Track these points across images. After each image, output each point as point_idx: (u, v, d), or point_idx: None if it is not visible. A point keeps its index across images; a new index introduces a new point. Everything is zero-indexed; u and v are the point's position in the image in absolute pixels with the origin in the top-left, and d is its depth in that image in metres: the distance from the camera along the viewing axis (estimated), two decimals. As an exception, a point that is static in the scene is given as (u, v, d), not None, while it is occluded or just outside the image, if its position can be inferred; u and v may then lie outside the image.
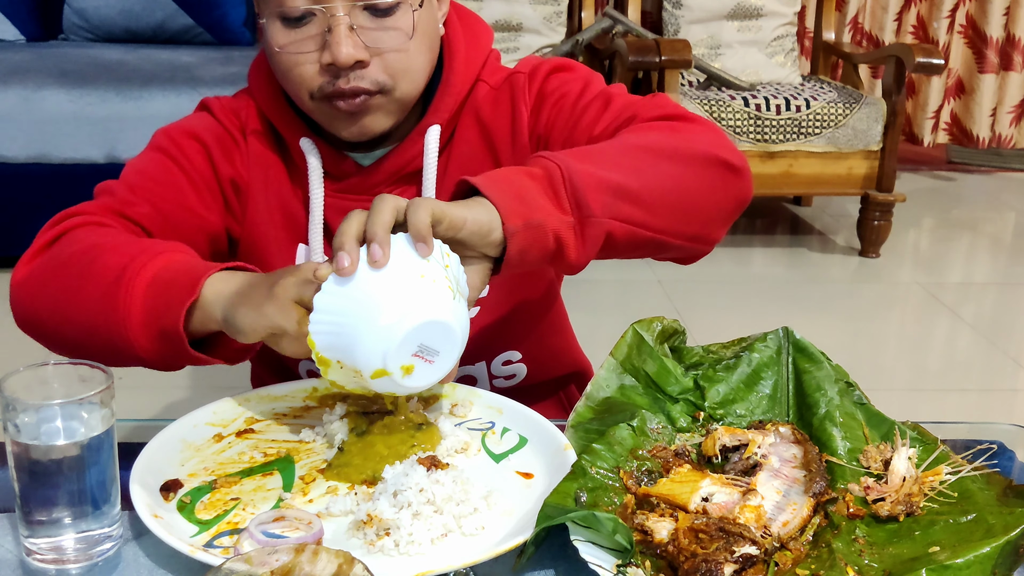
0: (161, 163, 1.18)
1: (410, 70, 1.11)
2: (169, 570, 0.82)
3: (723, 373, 1.05)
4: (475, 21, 1.24)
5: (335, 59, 1.06)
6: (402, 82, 1.11)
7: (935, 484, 0.91)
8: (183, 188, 1.16)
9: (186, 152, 1.18)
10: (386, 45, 1.08)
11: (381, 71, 1.09)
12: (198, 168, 1.18)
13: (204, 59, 3.48)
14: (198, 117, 1.23)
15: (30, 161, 3.21)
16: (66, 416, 0.80)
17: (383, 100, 1.11)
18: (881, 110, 3.62)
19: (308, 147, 1.18)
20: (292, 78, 1.10)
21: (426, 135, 1.17)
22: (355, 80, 1.08)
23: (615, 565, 0.79)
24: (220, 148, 1.20)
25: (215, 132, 1.20)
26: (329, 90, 1.09)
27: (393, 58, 1.09)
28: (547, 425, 1.00)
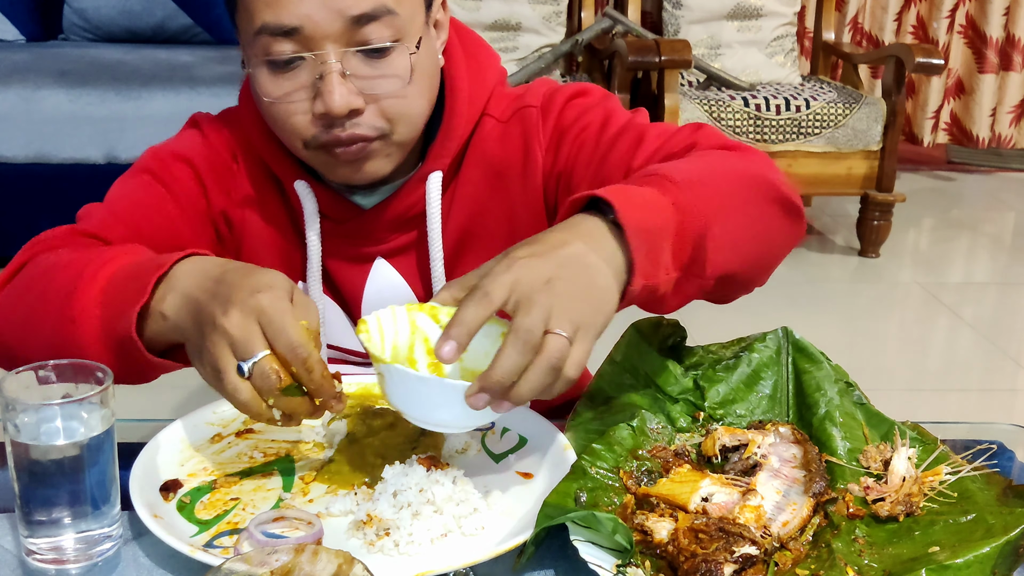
0: (149, 187, 1.12)
1: (409, 114, 1.06)
2: (169, 570, 0.82)
3: (723, 373, 1.05)
4: (479, 48, 1.17)
5: (328, 109, 1.00)
6: (400, 126, 1.05)
7: (935, 484, 0.91)
8: (171, 215, 1.11)
9: (177, 176, 1.13)
10: (382, 91, 1.02)
11: (378, 116, 1.03)
12: (189, 195, 1.13)
13: (203, 59, 3.48)
14: (190, 138, 1.17)
15: (30, 161, 3.21)
16: (66, 416, 0.80)
17: (382, 145, 1.05)
18: (881, 110, 3.62)
19: (304, 191, 1.12)
20: (285, 128, 1.05)
21: (427, 181, 1.12)
22: (351, 128, 1.02)
23: (615, 565, 0.79)
24: (213, 175, 1.14)
25: (207, 157, 1.15)
26: (324, 139, 1.03)
27: (390, 103, 1.03)
28: (547, 425, 1.00)
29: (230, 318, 0.84)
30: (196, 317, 0.88)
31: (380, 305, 1.06)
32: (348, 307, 1.18)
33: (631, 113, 1.15)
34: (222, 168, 1.15)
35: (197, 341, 0.87)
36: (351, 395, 1.07)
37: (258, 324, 0.84)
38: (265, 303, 0.84)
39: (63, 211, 1.14)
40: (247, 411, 0.85)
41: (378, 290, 1.16)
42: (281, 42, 1.00)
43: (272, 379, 0.84)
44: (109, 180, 1.16)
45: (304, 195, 1.13)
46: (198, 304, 0.88)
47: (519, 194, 1.15)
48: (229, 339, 0.84)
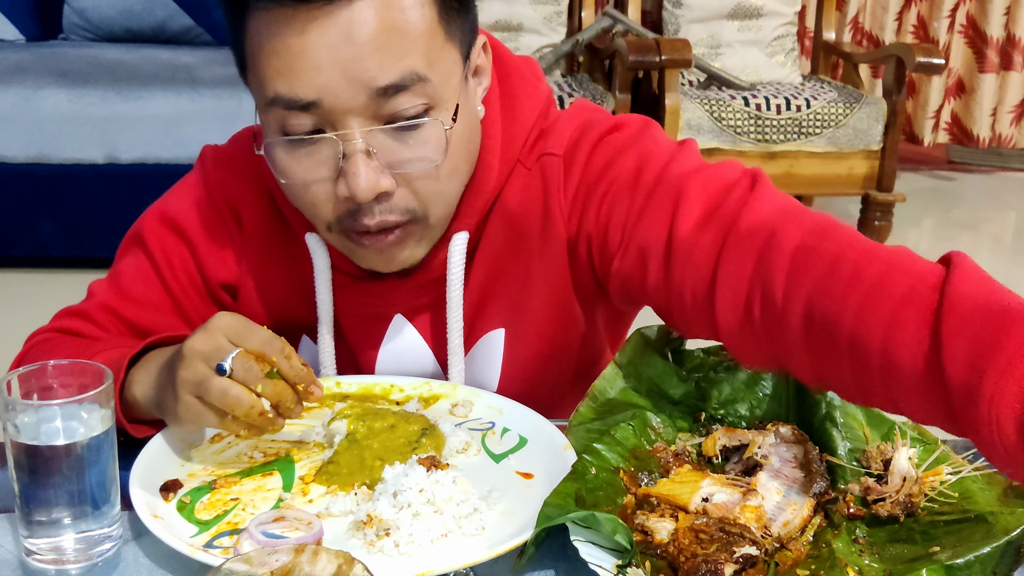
0: (141, 269, 1.07)
1: (445, 193, 0.95)
2: (169, 570, 0.82)
3: (724, 374, 1.05)
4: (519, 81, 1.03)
5: (354, 194, 0.89)
6: (436, 207, 0.95)
7: (935, 484, 0.91)
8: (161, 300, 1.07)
9: (168, 255, 1.07)
10: (414, 170, 0.91)
11: (410, 198, 0.93)
12: (180, 276, 1.07)
13: (204, 59, 3.48)
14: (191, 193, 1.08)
15: (30, 161, 3.21)
16: (66, 416, 0.80)
17: (415, 228, 0.95)
18: (881, 110, 3.62)
19: (315, 244, 1.03)
20: (304, 207, 0.95)
21: (451, 242, 1.01)
22: (381, 214, 0.92)
23: (615, 565, 0.79)
24: (209, 247, 1.07)
25: (205, 223, 1.06)
26: (349, 224, 0.93)
27: (423, 184, 0.92)
28: (547, 425, 1.00)
29: (194, 342, 0.86)
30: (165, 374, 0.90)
31: (396, 363, 1.09)
32: (359, 365, 1.12)
33: (673, 148, 0.98)
34: (221, 231, 1.07)
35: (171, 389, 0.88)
36: (351, 395, 1.07)
37: (223, 337, 0.86)
38: (225, 320, 0.87)
39: (63, 211, 1.14)
40: (240, 406, 0.86)
41: (395, 350, 1.09)
42: (298, 116, 0.89)
43: (254, 368, 0.85)
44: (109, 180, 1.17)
45: (315, 249, 1.03)
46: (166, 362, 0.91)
47: (536, 254, 1.04)
48: (200, 356, 0.86)
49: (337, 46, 0.86)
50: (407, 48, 0.88)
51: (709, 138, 3.53)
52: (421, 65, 0.89)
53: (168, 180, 1.17)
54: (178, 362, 0.87)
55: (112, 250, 1.13)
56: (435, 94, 0.90)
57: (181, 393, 0.87)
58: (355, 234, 0.94)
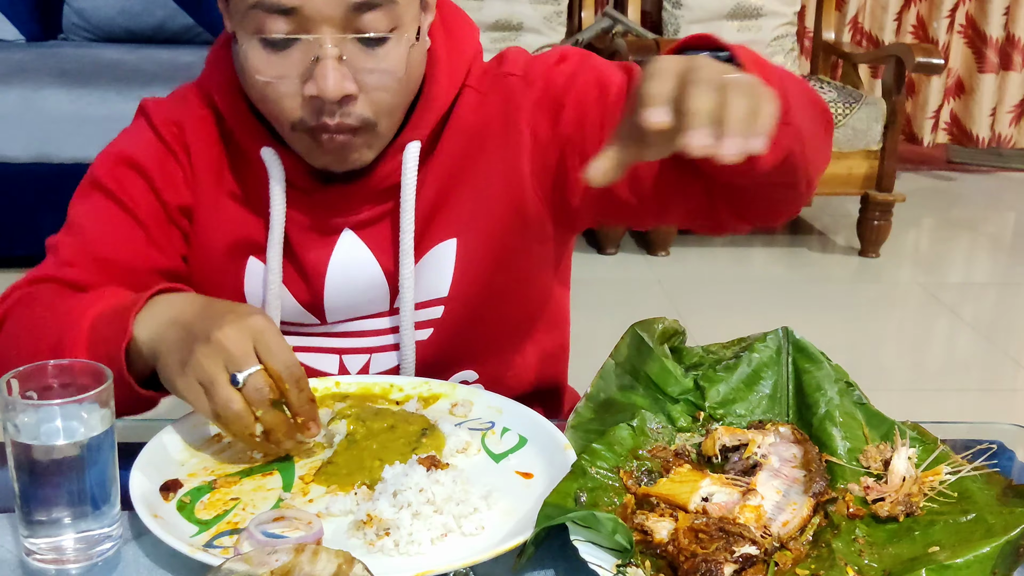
0: (104, 209, 1.11)
1: (395, 106, 1.05)
2: (169, 570, 0.82)
3: (723, 373, 1.05)
4: (456, 18, 1.16)
5: (322, 93, 0.99)
6: (385, 119, 1.05)
7: (935, 484, 0.91)
8: (130, 233, 1.10)
9: (128, 189, 1.11)
10: (375, 82, 1.01)
11: (367, 107, 1.02)
12: (143, 206, 1.11)
13: (204, 59, 3.48)
14: (137, 133, 1.15)
15: (30, 161, 3.21)
16: (66, 416, 0.80)
17: (366, 136, 1.05)
18: (881, 110, 3.62)
19: (271, 158, 1.10)
20: (270, 107, 1.04)
21: (404, 151, 1.10)
22: (341, 116, 1.01)
23: (615, 565, 0.79)
24: (162, 174, 1.12)
25: (156, 154, 1.12)
26: (312, 124, 1.02)
27: (380, 95, 1.02)
28: (547, 425, 1.00)
29: (226, 333, 0.89)
30: (182, 335, 0.91)
31: (344, 279, 1.14)
32: (308, 280, 1.15)
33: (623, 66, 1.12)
34: (170, 163, 1.13)
35: (181, 357, 0.90)
36: (351, 395, 1.07)
37: (252, 342, 0.89)
38: (261, 324, 0.91)
39: (64, 211, 1.14)
40: (236, 423, 0.89)
41: (343, 263, 1.14)
42: (277, 20, 0.98)
43: (265, 391, 0.89)
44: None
45: (270, 162, 1.10)
46: (186, 324, 0.92)
47: (496, 163, 1.13)
48: (225, 353, 0.88)
49: None
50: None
51: (709, 138, 3.52)
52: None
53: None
54: (200, 341, 0.89)
55: (112, 250, 1.13)
56: (400, 16, 1.01)
57: (188, 372, 0.90)
58: (316, 132, 1.03)
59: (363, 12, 0.98)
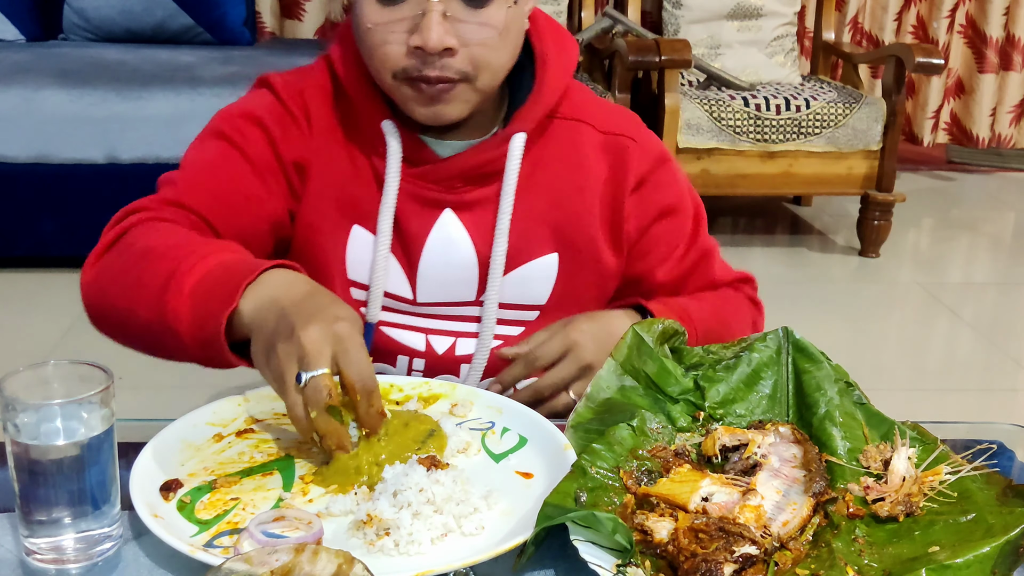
0: (222, 151, 1.17)
1: (493, 64, 1.12)
2: (169, 570, 0.82)
3: (723, 373, 1.05)
4: (561, 33, 1.24)
5: (424, 43, 1.07)
6: (484, 74, 1.12)
7: (935, 484, 0.91)
8: (245, 176, 1.16)
9: (247, 138, 1.17)
10: (475, 37, 1.09)
11: (466, 61, 1.10)
12: (260, 154, 1.17)
13: (204, 59, 3.48)
14: (258, 96, 1.22)
15: (30, 161, 3.20)
16: (66, 416, 0.80)
17: (464, 88, 1.12)
18: (881, 110, 3.62)
19: (390, 129, 1.18)
20: (377, 55, 1.11)
21: (511, 141, 1.18)
22: (440, 68, 1.09)
23: (615, 565, 0.79)
24: (281, 130, 1.19)
25: (276, 113, 1.19)
26: (413, 74, 1.10)
27: (479, 51, 1.10)
28: (547, 425, 1.00)
29: (308, 333, 0.90)
30: (276, 321, 0.93)
31: (440, 255, 1.21)
32: (407, 252, 1.21)
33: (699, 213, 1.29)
34: (290, 123, 1.19)
35: (269, 342, 0.93)
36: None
37: (331, 347, 0.90)
38: (345, 331, 0.91)
39: (64, 211, 1.15)
40: (298, 424, 0.91)
41: (441, 240, 1.20)
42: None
43: (323, 394, 0.89)
44: (110, 180, 1.19)
45: (390, 133, 1.17)
46: (282, 310, 0.94)
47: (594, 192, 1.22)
48: (301, 352, 0.90)
49: None
50: None
51: (708, 138, 3.53)
52: None
53: (169, 180, 1.18)
54: (283, 337, 0.91)
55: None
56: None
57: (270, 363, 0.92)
58: (415, 83, 1.10)
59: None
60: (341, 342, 0.91)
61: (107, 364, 0.84)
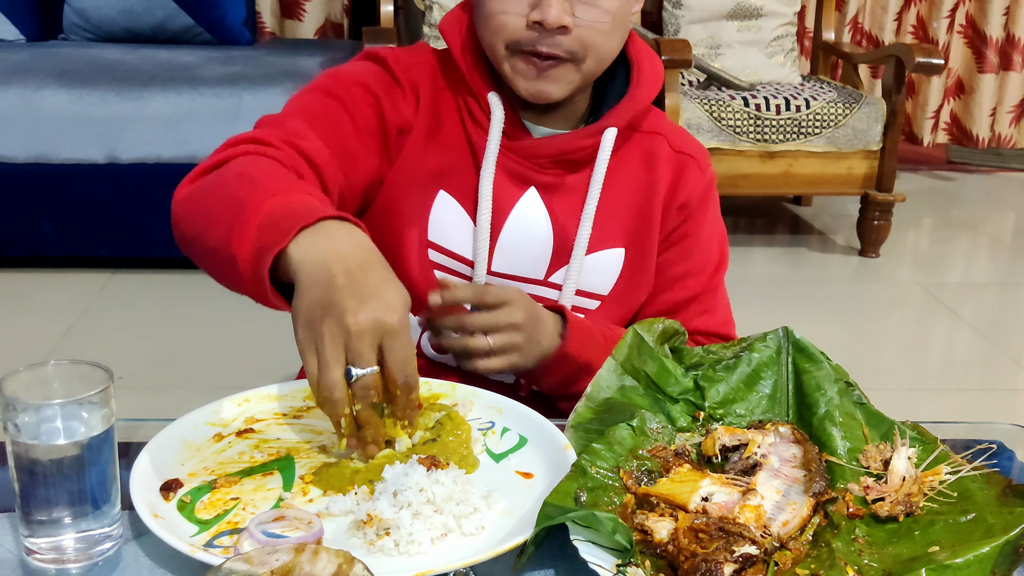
0: (327, 105, 1.20)
1: (601, 48, 1.18)
2: (169, 570, 0.82)
3: (723, 373, 1.05)
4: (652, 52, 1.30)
5: (544, 18, 1.13)
6: (591, 57, 1.18)
7: (935, 484, 0.91)
8: (348, 131, 1.19)
9: (355, 98, 1.21)
10: (588, 18, 1.15)
11: (577, 41, 1.15)
12: (364, 115, 1.21)
13: (204, 59, 3.48)
14: (365, 67, 1.26)
15: (30, 161, 3.20)
16: (66, 416, 0.80)
17: (569, 69, 1.17)
18: (881, 110, 3.62)
19: (495, 100, 1.23)
20: (493, 24, 1.17)
21: (604, 134, 1.24)
22: (553, 46, 1.15)
23: (615, 565, 0.79)
24: (389, 98, 1.23)
25: (384, 81, 1.23)
26: (527, 48, 1.16)
27: (590, 33, 1.16)
28: (547, 425, 1.01)
29: (359, 321, 0.87)
30: (324, 289, 0.89)
31: (520, 229, 1.26)
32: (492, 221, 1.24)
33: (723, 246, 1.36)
34: (397, 92, 1.24)
35: (312, 312, 0.89)
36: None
37: (380, 340, 0.89)
38: (395, 326, 0.89)
39: (63, 211, 1.15)
40: (329, 408, 0.89)
41: (523, 216, 1.25)
42: None
43: (371, 394, 0.90)
44: (109, 180, 1.18)
45: (495, 104, 1.23)
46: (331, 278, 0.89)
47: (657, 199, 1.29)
48: (348, 340, 0.87)
49: None
50: None
51: (708, 138, 3.53)
52: None
53: (169, 180, 1.17)
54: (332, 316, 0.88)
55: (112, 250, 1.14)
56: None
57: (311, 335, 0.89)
58: (526, 56, 1.17)
59: None
60: (390, 336, 0.89)
61: (107, 364, 0.84)
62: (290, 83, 3.27)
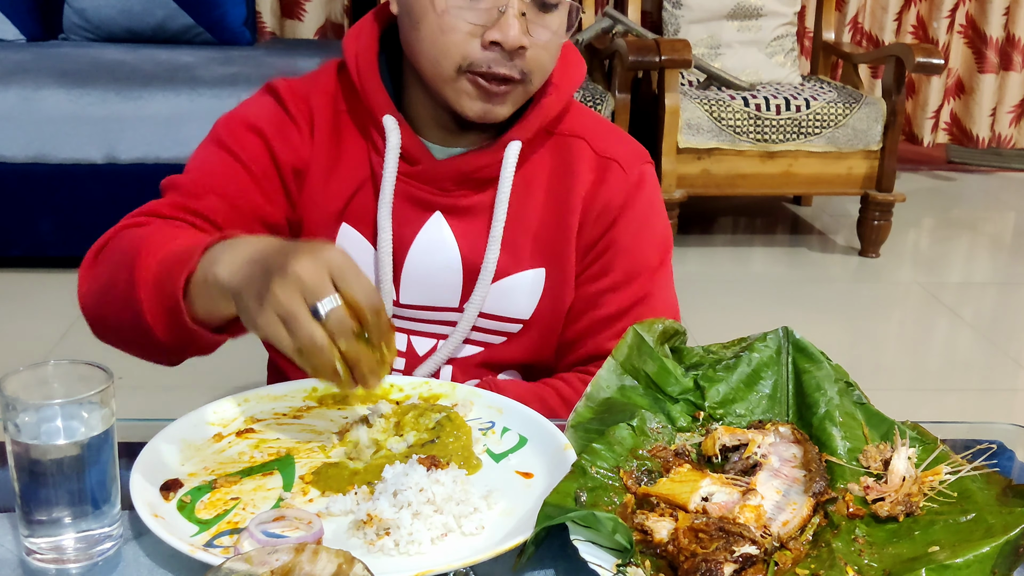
0: (222, 159, 1.18)
1: (546, 68, 1.16)
2: (169, 570, 0.82)
3: (723, 373, 1.05)
4: (569, 50, 1.24)
5: (504, 39, 1.08)
6: (536, 77, 1.15)
7: (935, 484, 0.91)
8: (244, 183, 1.17)
9: (245, 146, 1.18)
10: (540, 39, 1.12)
11: (528, 62, 1.12)
12: (258, 161, 1.18)
13: (204, 59, 3.48)
14: (260, 103, 1.22)
15: (29, 161, 3.20)
16: (66, 416, 0.80)
17: (519, 89, 1.14)
18: (881, 110, 3.62)
19: (391, 125, 1.18)
20: (441, 44, 1.11)
21: (507, 148, 1.18)
22: (510, 68, 1.11)
23: (615, 565, 0.79)
24: (280, 136, 1.19)
25: (275, 119, 1.20)
26: (482, 69, 1.11)
27: (540, 53, 1.13)
28: (547, 425, 1.01)
29: (302, 265, 0.86)
30: (262, 270, 0.89)
31: (426, 258, 1.20)
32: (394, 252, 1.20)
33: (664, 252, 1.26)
34: (290, 127, 1.19)
35: (259, 291, 0.88)
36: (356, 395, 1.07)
37: (328, 273, 0.87)
38: (338, 257, 0.88)
39: (63, 211, 1.16)
40: (319, 356, 0.87)
41: (428, 243, 1.21)
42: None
43: (348, 322, 0.86)
44: (109, 180, 1.20)
45: (390, 128, 1.18)
46: (262, 260, 0.90)
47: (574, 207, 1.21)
48: (301, 285, 0.86)
49: None
50: None
51: (708, 138, 3.53)
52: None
53: (168, 180, 1.18)
54: (276, 274, 0.87)
55: (112, 250, 1.14)
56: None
57: (267, 307, 0.87)
58: (479, 78, 1.11)
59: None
60: (337, 267, 0.87)
61: (107, 364, 0.84)
62: (290, 83, 3.27)
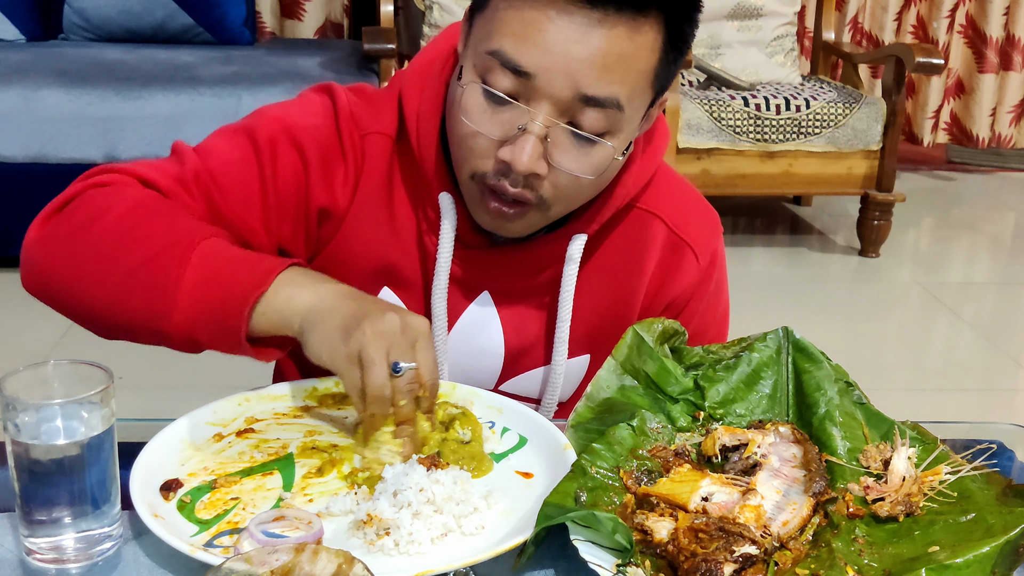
0: (244, 161, 1.05)
1: (574, 199, 1.04)
2: (169, 570, 0.82)
3: (723, 373, 1.05)
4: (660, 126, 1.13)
5: (512, 163, 0.97)
6: (559, 205, 1.03)
7: (935, 484, 0.91)
8: (251, 200, 1.05)
9: (278, 161, 1.06)
10: (569, 169, 0.99)
11: (549, 188, 1.00)
12: (283, 186, 1.06)
13: (204, 59, 3.48)
14: (315, 115, 1.09)
15: (29, 161, 3.21)
16: (66, 416, 0.80)
17: (534, 213, 1.03)
18: (881, 110, 3.62)
19: (447, 205, 1.08)
20: (461, 148, 1.02)
21: (570, 244, 1.10)
22: (522, 188, 1.00)
23: (615, 565, 0.79)
24: (322, 171, 1.07)
25: (324, 149, 1.07)
26: (492, 183, 1.01)
27: (567, 182, 1.00)
28: (547, 425, 1.00)
29: (400, 322, 0.91)
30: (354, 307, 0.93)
31: (468, 339, 1.15)
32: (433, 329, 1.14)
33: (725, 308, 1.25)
34: (335, 159, 1.08)
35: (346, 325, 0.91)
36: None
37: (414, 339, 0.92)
38: (424, 327, 0.93)
39: (63, 211, 1.13)
40: (380, 406, 0.91)
41: (471, 324, 1.14)
42: (506, 76, 0.96)
43: (415, 387, 0.92)
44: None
45: (446, 208, 1.09)
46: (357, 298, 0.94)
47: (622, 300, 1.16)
48: (392, 339, 0.90)
49: (577, 44, 0.94)
50: (624, 78, 0.97)
51: (708, 138, 3.53)
52: (624, 96, 0.98)
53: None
54: (372, 319, 0.91)
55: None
56: (619, 124, 0.99)
57: (352, 344, 0.90)
58: (490, 191, 1.01)
59: (588, 106, 0.97)
60: (421, 336, 0.93)
61: (107, 364, 0.84)
62: (290, 83, 3.27)
